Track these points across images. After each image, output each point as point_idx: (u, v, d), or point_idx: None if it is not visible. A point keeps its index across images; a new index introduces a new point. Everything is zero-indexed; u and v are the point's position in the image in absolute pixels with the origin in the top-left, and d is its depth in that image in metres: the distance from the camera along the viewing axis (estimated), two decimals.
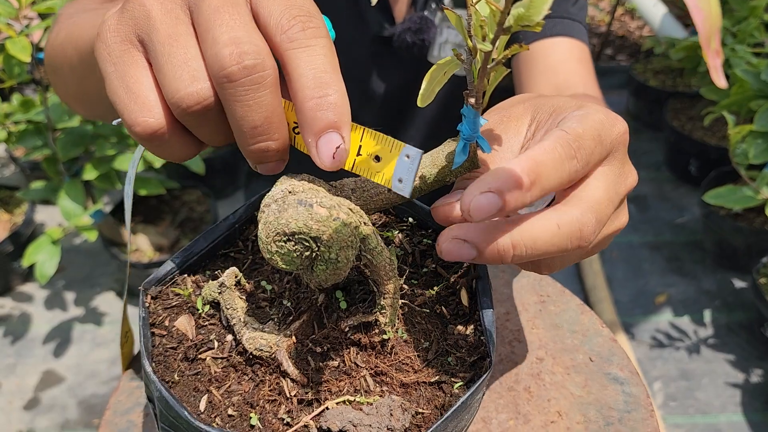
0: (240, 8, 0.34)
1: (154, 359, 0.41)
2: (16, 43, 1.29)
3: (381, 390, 0.40)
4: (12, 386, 1.68)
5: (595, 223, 0.35)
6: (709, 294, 1.88)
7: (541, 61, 0.78)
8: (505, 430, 0.56)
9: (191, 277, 0.46)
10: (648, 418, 0.58)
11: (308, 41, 0.35)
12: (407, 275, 0.46)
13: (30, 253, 1.45)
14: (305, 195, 0.36)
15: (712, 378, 1.66)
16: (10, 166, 2.39)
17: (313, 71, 0.34)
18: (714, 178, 1.93)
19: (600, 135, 0.36)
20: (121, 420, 0.53)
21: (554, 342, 0.63)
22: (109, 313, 1.87)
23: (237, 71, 0.33)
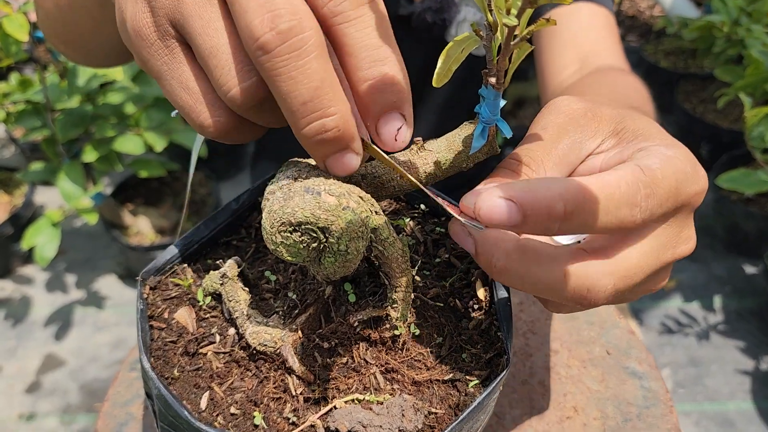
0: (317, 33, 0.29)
1: (152, 354, 0.39)
2: (13, 21, 1.26)
3: (392, 388, 0.38)
4: (13, 369, 1.67)
5: (611, 290, 0.32)
6: (719, 280, 1.86)
7: (565, 31, 0.74)
8: (519, 425, 0.54)
9: (192, 267, 0.43)
10: (668, 414, 0.56)
11: (357, 11, 0.30)
12: (419, 266, 0.43)
13: (29, 236, 1.43)
14: (312, 182, 0.33)
15: (722, 365, 1.64)
16: (10, 147, 2.36)
17: (365, 47, 0.31)
18: (726, 161, 1.90)
19: (678, 188, 0.32)
20: (120, 412, 0.51)
21: (570, 334, 0.61)
22: (110, 296, 1.85)
23: (271, 39, 0.28)
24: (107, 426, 0.50)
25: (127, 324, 1.78)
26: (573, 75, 0.70)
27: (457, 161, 0.38)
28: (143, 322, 0.39)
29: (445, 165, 0.38)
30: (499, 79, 0.35)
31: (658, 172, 0.31)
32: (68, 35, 0.62)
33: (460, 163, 0.38)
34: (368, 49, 0.31)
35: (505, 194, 0.29)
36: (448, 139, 0.38)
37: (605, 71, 0.67)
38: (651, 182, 0.30)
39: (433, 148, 0.38)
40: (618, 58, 0.71)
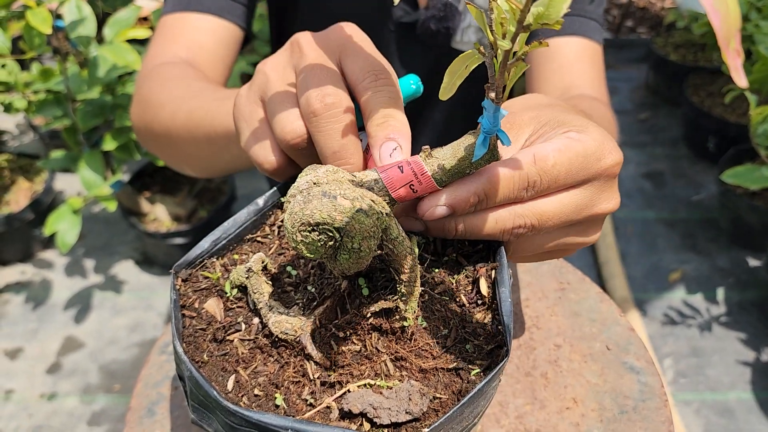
0: (329, 68, 0.45)
1: (184, 340, 0.43)
2: (37, 14, 1.30)
3: (400, 375, 0.42)
4: (35, 351, 1.73)
5: (531, 226, 0.43)
6: (722, 272, 1.89)
7: (555, 60, 0.80)
8: (522, 414, 0.57)
9: (220, 261, 0.47)
10: (662, 408, 0.59)
11: (378, 88, 0.44)
12: (428, 263, 0.47)
13: (51, 222, 1.48)
14: (329, 187, 0.37)
15: (723, 356, 1.67)
16: (29, 134, 2.41)
17: (379, 106, 0.43)
18: (732, 156, 1.92)
19: (577, 165, 0.42)
20: (152, 392, 0.56)
21: (572, 329, 0.64)
22: (127, 281, 1.90)
23: (320, 107, 0.42)
24: (140, 404, 0.55)
25: (144, 308, 1.83)
26: None
27: (461, 167, 0.42)
28: (176, 311, 0.43)
29: (450, 171, 0.42)
30: (498, 94, 0.39)
31: (550, 158, 0.41)
32: (199, 161, 0.75)
33: (463, 169, 0.42)
34: (382, 107, 0.44)
35: (439, 203, 0.42)
36: (453, 147, 0.42)
37: (579, 97, 0.74)
38: (541, 167, 0.41)
39: (439, 156, 0.42)
40: (597, 89, 0.79)
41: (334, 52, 0.46)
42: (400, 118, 0.44)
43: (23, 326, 1.79)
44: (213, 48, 0.83)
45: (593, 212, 0.44)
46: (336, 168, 0.40)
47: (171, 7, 0.82)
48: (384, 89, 0.44)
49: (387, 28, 0.88)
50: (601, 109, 0.72)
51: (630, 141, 2.34)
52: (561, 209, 0.43)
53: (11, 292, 1.89)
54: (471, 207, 0.42)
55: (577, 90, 0.77)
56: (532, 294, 0.68)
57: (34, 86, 1.61)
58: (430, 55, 0.88)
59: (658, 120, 2.42)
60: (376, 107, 0.43)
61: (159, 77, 0.76)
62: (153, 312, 1.82)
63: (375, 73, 0.44)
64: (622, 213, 2.08)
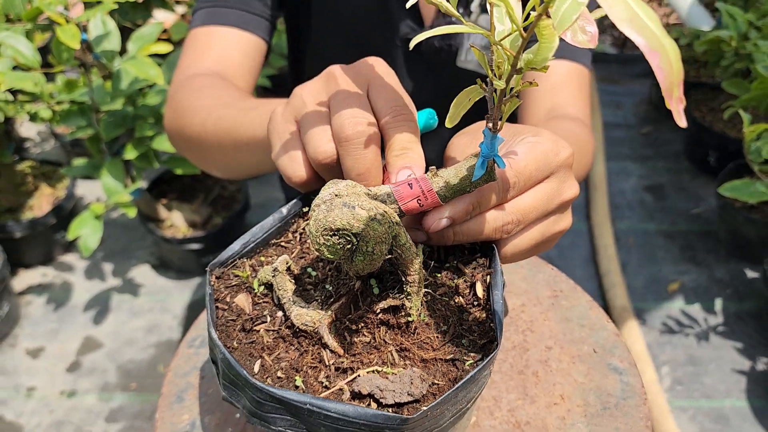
0: (361, 97, 0.50)
1: (218, 328, 0.49)
2: (66, 31, 1.37)
3: (404, 363, 0.47)
4: (55, 350, 1.80)
5: (516, 221, 0.49)
6: (721, 283, 1.94)
7: (544, 82, 0.86)
8: (513, 408, 0.62)
9: (249, 261, 0.54)
10: (641, 405, 0.63)
11: (398, 124, 0.49)
12: (432, 268, 0.53)
13: (74, 228, 1.55)
14: (349, 199, 0.44)
15: (719, 364, 1.72)
16: (50, 142, 2.49)
17: (399, 139, 0.49)
18: (731, 169, 1.97)
19: (542, 162, 0.49)
20: (181, 381, 0.62)
21: (563, 333, 0.68)
22: (144, 284, 1.97)
23: (352, 134, 0.47)
24: (171, 391, 0.61)
25: (160, 310, 1.90)
26: (539, 120, 0.83)
27: (462, 186, 0.48)
28: (211, 304, 0.50)
29: (452, 188, 0.48)
30: (495, 124, 0.45)
31: (522, 161, 0.48)
32: (225, 165, 0.82)
33: (464, 187, 0.48)
34: (402, 141, 0.50)
35: (441, 216, 0.48)
36: (456, 168, 0.48)
37: (560, 117, 0.81)
38: (517, 171, 0.48)
39: (444, 175, 0.48)
40: (581, 111, 0.85)
41: (363, 84, 0.52)
42: (417, 150, 0.49)
43: (45, 326, 1.86)
44: (239, 60, 0.89)
45: (562, 200, 0.51)
46: (355, 183, 0.47)
47: (200, 22, 0.89)
48: (404, 124, 0.50)
49: (394, 44, 0.94)
50: (578, 129, 0.78)
51: (633, 154, 2.40)
52: (537, 201, 0.50)
53: (33, 293, 1.95)
54: (467, 215, 0.48)
55: (562, 110, 0.83)
56: (527, 300, 0.73)
57: (59, 97, 1.69)
58: (436, 71, 0.95)
59: (660, 134, 2.48)
60: (396, 140, 0.49)
61: (191, 87, 0.82)
62: (169, 314, 1.88)
63: (397, 108, 0.50)
64: (624, 224, 2.14)
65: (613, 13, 0.32)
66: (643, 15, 0.32)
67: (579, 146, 0.74)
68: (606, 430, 0.60)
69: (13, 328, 1.85)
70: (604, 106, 2.58)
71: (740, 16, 1.89)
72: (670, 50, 0.32)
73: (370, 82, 0.52)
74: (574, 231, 2.13)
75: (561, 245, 2.07)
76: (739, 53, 1.88)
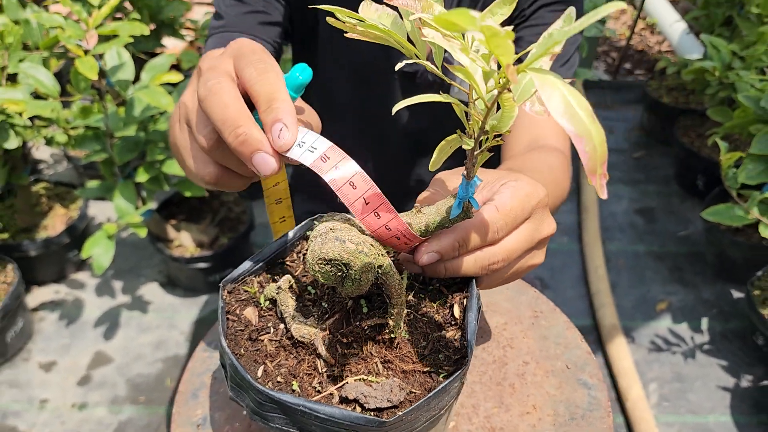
0: (218, 71, 0.51)
1: (227, 337, 0.56)
2: (85, 63, 1.46)
3: (387, 373, 0.54)
4: (67, 364, 1.87)
5: (503, 260, 0.55)
6: (707, 303, 2.00)
7: (523, 116, 0.91)
8: (489, 415, 0.68)
9: (257, 279, 0.60)
10: (605, 417, 0.69)
11: (259, 78, 0.49)
12: (417, 291, 0.60)
13: (88, 247, 1.63)
14: (341, 233, 0.51)
15: (705, 381, 1.78)
16: (63, 164, 2.58)
17: (262, 94, 0.49)
18: (718, 194, 2.04)
19: (526, 204, 0.55)
20: (196, 380, 0.70)
21: (540, 350, 0.74)
22: (153, 302, 2.05)
23: (203, 92, 0.49)
24: (187, 389, 0.69)
25: (167, 327, 1.97)
26: (522, 150, 0.89)
27: (441, 222, 0.56)
28: (222, 315, 0.56)
29: (432, 225, 0.56)
30: (470, 172, 0.53)
31: (508, 204, 0.53)
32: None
33: (443, 223, 0.56)
34: (267, 92, 0.49)
35: (429, 250, 0.54)
36: (437, 206, 0.56)
37: (540, 149, 0.86)
38: (503, 214, 0.53)
39: (425, 212, 0.56)
40: (561, 142, 0.90)
41: (228, 61, 0.52)
42: (282, 98, 0.48)
43: (57, 342, 1.94)
44: None
45: (541, 236, 0.57)
46: (348, 217, 0.55)
47: (212, 46, 0.96)
48: (264, 77, 0.49)
49: (392, 75, 1.03)
50: (556, 161, 0.84)
51: (624, 178, 2.48)
52: (520, 241, 0.55)
53: (46, 310, 2.03)
54: (455, 252, 0.53)
55: (543, 141, 0.88)
56: (510, 319, 0.77)
57: (74, 123, 1.77)
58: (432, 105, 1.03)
59: (651, 159, 2.56)
60: (260, 95, 0.49)
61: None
62: (176, 331, 1.96)
63: (256, 67, 0.50)
64: (614, 246, 2.21)
65: (551, 104, 0.36)
66: (576, 105, 0.36)
67: (555, 179, 0.81)
68: None
69: (27, 343, 1.93)
70: None
71: (724, 48, 1.98)
72: (595, 136, 0.37)
73: (235, 59, 0.52)
74: (566, 252, 2.20)
75: (553, 266, 2.14)
76: (723, 82, 1.96)
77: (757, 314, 1.74)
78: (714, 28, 2.22)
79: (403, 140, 1.09)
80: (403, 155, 1.15)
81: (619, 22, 3.33)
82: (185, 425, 0.66)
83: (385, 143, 1.13)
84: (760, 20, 2.06)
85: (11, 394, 1.79)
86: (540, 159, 0.84)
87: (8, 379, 1.83)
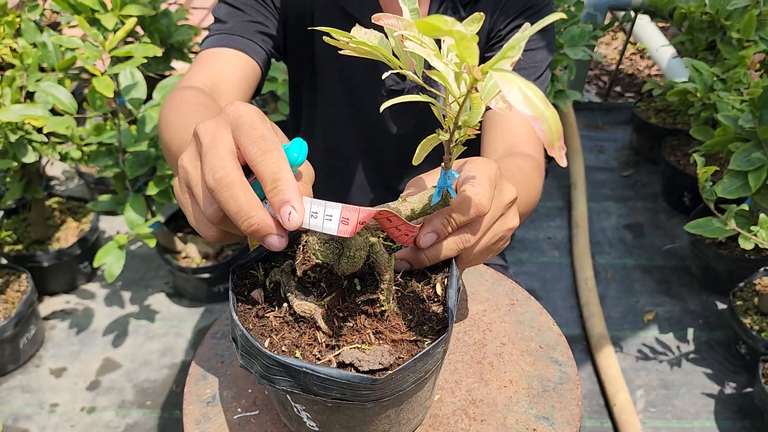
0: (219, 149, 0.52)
1: (238, 314, 0.65)
2: (101, 81, 1.56)
3: (378, 342, 0.59)
4: (77, 370, 1.94)
5: (482, 230, 0.63)
6: (693, 314, 2.08)
7: (500, 125, 1.00)
8: (471, 389, 0.74)
9: (263, 265, 0.69)
10: (574, 389, 0.75)
11: (262, 157, 0.51)
12: (404, 273, 0.68)
13: (100, 256, 1.71)
14: None
15: (690, 388, 1.85)
16: (75, 180, 2.68)
17: (267, 174, 0.51)
18: (702, 209, 2.12)
19: (491, 178, 0.63)
20: (206, 364, 0.78)
21: (516, 333, 0.80)
22: (160, 311, 2.12)
23: (212, 183, 0.51)
24: (197, 372, 0.77)
25: (174, 335, 2.05)
26: (498, 156, 0.97)
27: (424, 209, 0.64)
28: (233, 295, 0.65)
29: (417, 211, 0.64)
30: (447, 164, 0.62)
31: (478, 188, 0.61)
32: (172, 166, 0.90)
33: (426, 210, 0.64)
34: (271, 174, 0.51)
35: (427, 231, 0.61)
36: (420, 196, 0.64)
37: (514, 155, 0.94)
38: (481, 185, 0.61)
39: (410, 200, 0.65)
40: (535, 149, 0.98)
41: (226, 130, 0.54)
42: (286, 177, 0.50)
43: (67, 349, 2.01)
44: (234, 78, 0.99)
45: (508, 200, 0.65)
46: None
47: (209, 45, 1.03)
48: (267, 156, 0.51)
49: (381, 93, 1.12)
50: (529, 165, 0.92)
51: (614, 195, 2.57)
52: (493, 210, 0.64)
53: (57, 318, 2.11)
54: (448, 229, 0.61)
55: (518, 148, 0.96)
56: (488, 307, 0.85)
57: (88, 139, 1.87)
58: (417, 115, 1.12)
59: (640, 177, 2.65)
60: (265, 175, 0.50)
61: (175, 99, 0.90)
62: (182, 338, 2.03)
63: (259, 146, 0.51)
64: (604, 260, 2.30)
65: (510, 96, 0.44)
66: (531, 95, 0.43)
67: (526, 179, 0.88)
68: (544, 407, 0.73)
69: (38, 350, 2.00)
70: (587, 151, 2.76)
71: (706, 70, 2.08)
72: (549, 117, 0.43)
73: (234, 127, 0.54)
74: (557, 265, 2.28)
75: (545, 278, 2.22)
76: (705, 103, 2.06)
77: (740, 324, 1.82)
78: (698, 53, 2.32)
79: (394, 146, 1.19)
80: (393, 165, 1.24)
81: (610, 48, 3.45)
82: (195, 402, 0.74)
83: (382, 148, 1.22)
84: (740, 45, 2.16)
85: (23, 399, 1.86)
86: (513, 162, 0.92)
87: (20, 384, 1.90)
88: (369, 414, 0.60)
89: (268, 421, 0.70)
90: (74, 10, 1.90)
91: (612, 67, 3.23)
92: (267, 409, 0.71)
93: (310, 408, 0.60)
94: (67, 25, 2.26)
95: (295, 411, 0.61)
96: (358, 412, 0.59)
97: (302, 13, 1.09)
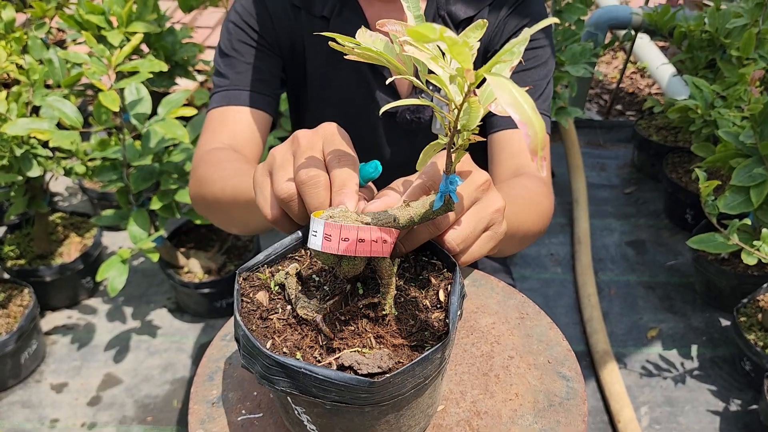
0: (315, 151, 0.65)
1: (242, 315, 0.64)
2: (107, 96, 1.58)
3: (379, 347, 0.60)
4: (78, 385, 1.94)
5: (467, 234, 0.65)
6: (696, 330, 2.07)
7: (507, 148, 1.02)
8: (476, 400, 0.73)
9: (268, 268, 0.68)
10: (581, 405, 0.74)
11: (339, 166, 0.63)
12: (408, 279, 0.68)
13: (103, 270, 1.71)
14: (339, 219, 0.61)
15: (694, 405, 1.84)
16: (78, 196, 2.69)
17: (338, 178, 0.63)
18: (704, 225, 2.12)
19: (477, 186, 0.67)
20: (213, 365, 0.78)
21: (524, 346, 0.79)
22: (161, 326, 2.12)
23: (305, 178, 0.62)
24: (204, 372, 0.76)
25: (175, 351, 2.04)
26: (506, 178, 0.99)
27: (426, 214, 0.64)
28: (238, 297, 0.64)
29: (418, 216, 0.65)
30: (448, 168, 0.63)
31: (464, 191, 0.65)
32: (222, 219, 0.99)
33: (428, 215, 0.65)
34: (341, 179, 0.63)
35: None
36: (422, 200, 0.65)
37: (521, 176, 0.96)
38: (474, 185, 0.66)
39: (413, 206, 0.65)
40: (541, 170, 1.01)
41: (318, 141, 0.66)
42: (351, 186, 0.62)
43: (68, 364, 2.00)
44: (249, 133, 1.06)
45: (493, 210, 0.68)
46: (346, 208, 0.64)
47: (216, 103, 1.07)
48: (342, 165, 0.63)
49: (374, 114, 1.13)
50: (534, 185, 0.94)
51: (617, 212, 2.57)
52: (474, 220, 0.66)
53: (59, 333, 2.10)
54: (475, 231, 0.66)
55: (525, 170, 0.98)
56: (498, 319, 0.83)
57: (92, 154, 1.88)
58: (410, 137, 1.13)
59: (642, 194, 2.66)
60: (336, 180, 0.62)
61: (210, 161, 0.98)
62: (184, 354, 2.03)
63: (339, 157, 0.64)
64: (607, 276, 2.29)
65: (501, 98, 0.44)
66: (521, 99, 0.44)
67: (529, 197, 0.90)
68: (549, 422, 0.71)
69: (39, 365, 2.00)
70: (589, 169, 2.77)
71: (706, 88, 2.09)
72: (535, 123, 0.44)
73: (324, 141, 0.66)
74: (560, 281, 2.28)
75: (547, 294, 2.22)
76: (706, 120, 2.07)
77: (744, 340, 1.81)
78: (698, 71, 2.34)
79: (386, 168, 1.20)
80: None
81: (610, 67, 3.47)
82: (201, 402, 0.74)
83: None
84: (740, 62, 2.18)
85: (24, 414, 1.85)
86: (518, 183, 0.94)
87: (21, 399, 1.89)
88: (368, 418, 0.60)
89: (272, 424, 0.70)
90: (81, 27, 1.92)
91: (613, 87, 3.25)
92: (271, 412, 0.71)
93: (310, 411, 0.60)
94: (73, 42, 2.29)
95: (296, 414, 0.62)
96: (358, 416, 0.59)
97: (293, 42, 1.11)
